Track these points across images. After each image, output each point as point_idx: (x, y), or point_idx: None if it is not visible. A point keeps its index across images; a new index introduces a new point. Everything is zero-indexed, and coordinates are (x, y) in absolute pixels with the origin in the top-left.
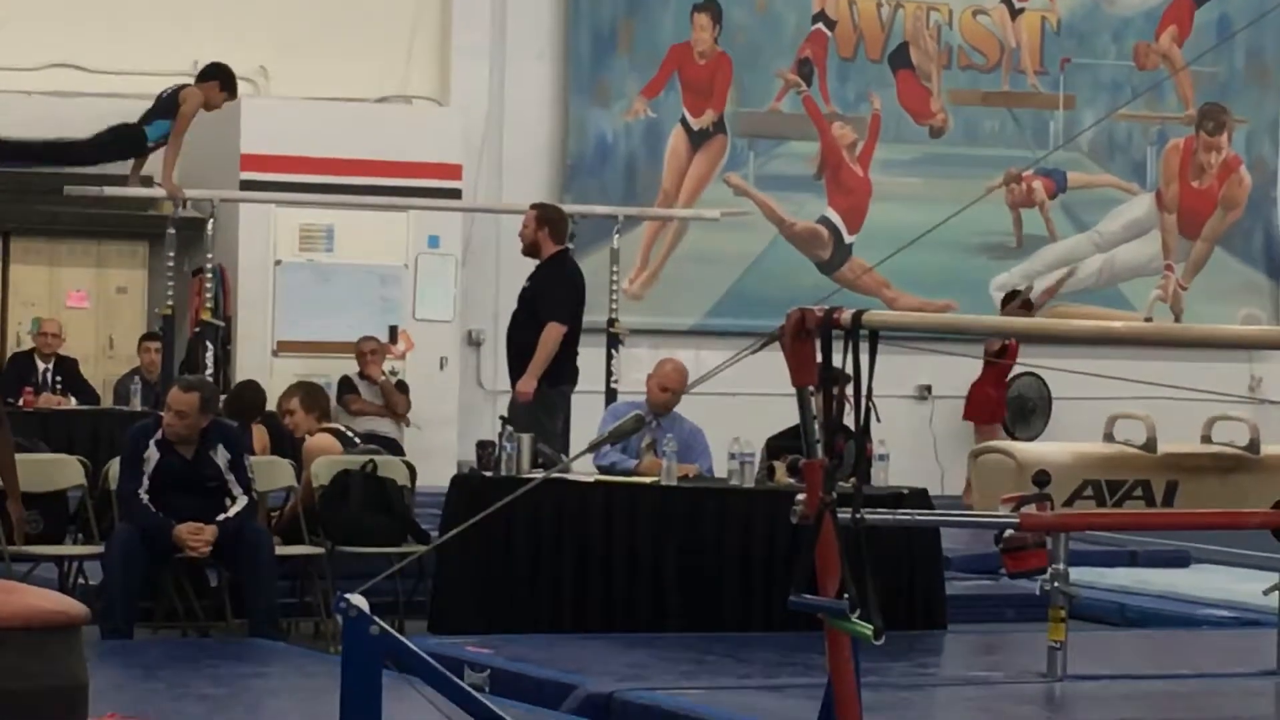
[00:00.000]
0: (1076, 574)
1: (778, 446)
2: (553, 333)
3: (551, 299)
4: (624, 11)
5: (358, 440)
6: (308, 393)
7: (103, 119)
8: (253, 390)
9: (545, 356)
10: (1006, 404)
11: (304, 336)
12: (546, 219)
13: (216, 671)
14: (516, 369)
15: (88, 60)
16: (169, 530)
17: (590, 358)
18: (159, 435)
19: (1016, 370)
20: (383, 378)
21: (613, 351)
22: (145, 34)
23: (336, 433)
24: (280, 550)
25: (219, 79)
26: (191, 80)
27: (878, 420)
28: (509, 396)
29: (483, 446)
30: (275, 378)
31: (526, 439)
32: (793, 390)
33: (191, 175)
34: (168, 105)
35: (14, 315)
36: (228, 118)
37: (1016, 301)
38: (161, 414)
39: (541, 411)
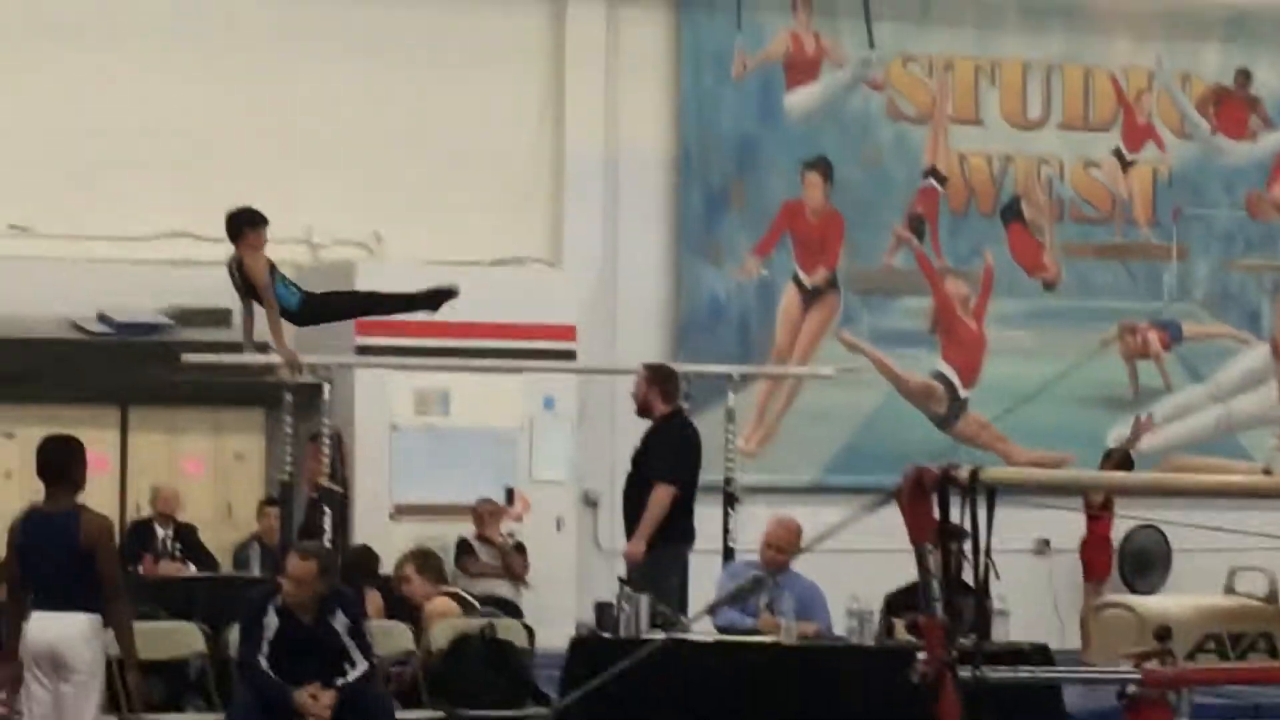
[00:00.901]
0: None
1: (897, 603)
2: (661, 494)
3: (660, 460)
4: (735, 171)
5: (476, 604)
6: (423, 559)
7: (219, 287)
8: (366, 554)
9: (654, 518)
10: (1123, 557)
11: (421, 500)
12: (656, 379)
13: None
14: (632, 529)
15: (203, 229)
16: (289, 696)
17: (707, 517)
18: (279, 601)
19: (1135, 523)
20: (500, 540)
21: (729, 510)
22: (260, 201)
23: (455, 596)
24: (400, 715)
25: (246, 222)
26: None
27: (997, 577)
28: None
29: (601, 607)
30: (393, 542)
31: (645, 599)
32: (910, 546)
33: (307, 341)
34: (246, 284)
35: (133, 483)
36: (342, 283)
37: (1113, 460)
38: (281, 580)
39: (657, 572)
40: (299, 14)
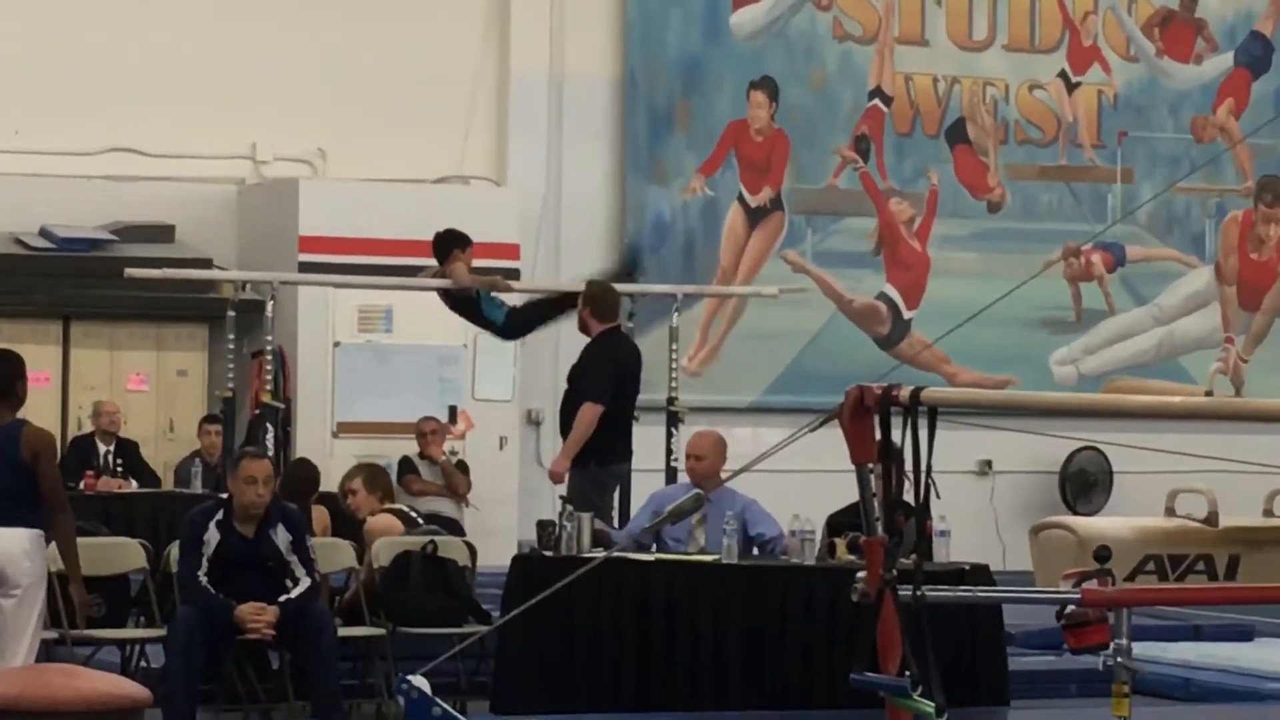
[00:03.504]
0: (1140, 649)
1: (839, 523)
2: (587, 413)
3: (588, 378)
4: (680, 90)
5: (420, 520)
6: (370, 474)
7: (161, 203)
8: (306, 469)
9: (579, 436)
10: (1064, 478)
11: (364, 417)
12: (590, 297)
13: None
14: None
15: (146, 145)
16: (230, 611)
17: (650, 436)
18: (219, 516)
19: (1076, 444)
20: (443, 458)
21: (672, 430)
22: (203, 118)
23: (399, 513)
24: (342, 631)
25: (455, 243)
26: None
27: (938, 497)
28: (568, 476)
29: (543, 526)
30: (335, 459)
31: (586, 518)
32: (852, 467)
33: (250, 257)
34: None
35: (74, 399)
36: (286, 199)
37: None
38: (222, 495)
39: (593, 490)
40: None
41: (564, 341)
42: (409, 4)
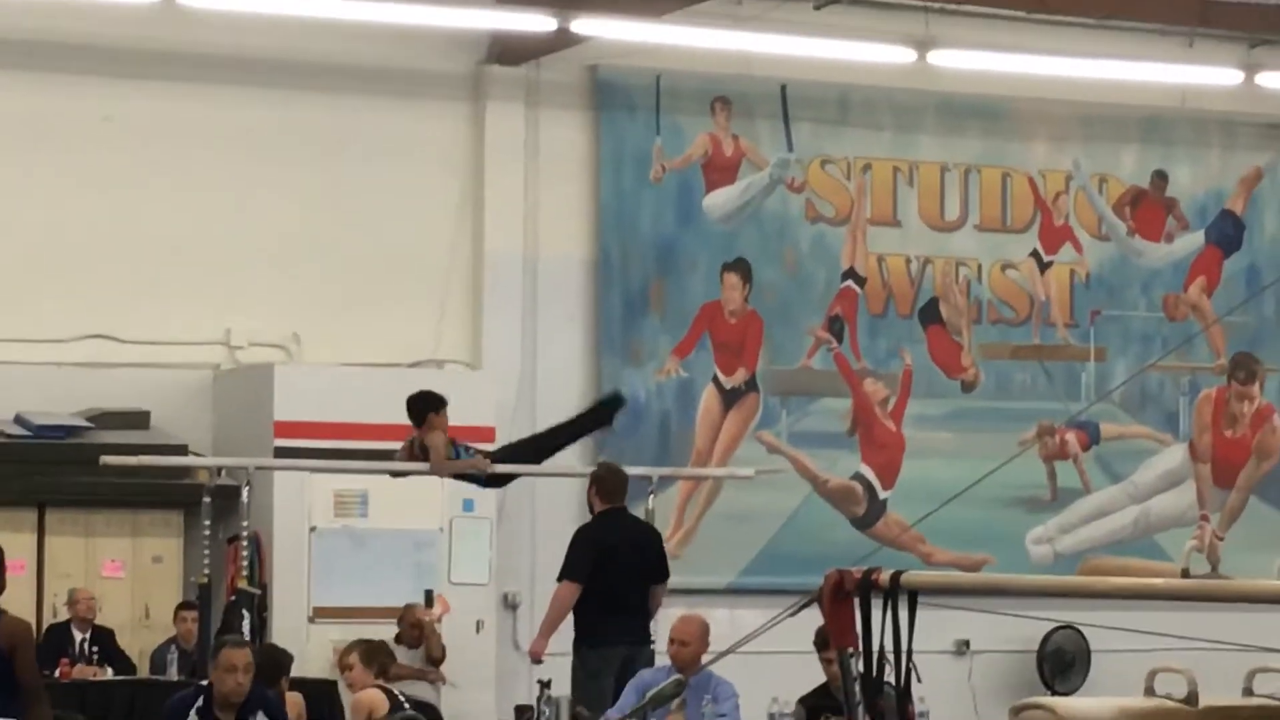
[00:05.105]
0: None
1: (812, 705)
2: (559, 592)
3: (568, 557)
4: (654, 272)
5: (405, 704)
6: (367, 650)
7: (137, 389)
8: (274, 655)
9: (551, 616)
10: (1042, 657)
11: (340, 602)
12: (594, 478)
13: None
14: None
15: (121, 331)
16: None
17: None
18: (199, 704)
19: (1054, 624)
20: (431, 630)
21: None
22: (178, 303)
23: (387, 692)
24: None
25: (430, 406)
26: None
27: (919, 680)
28: (546, 660)
29: (520, 711)
30: (312, 644)
31: (564, 701)
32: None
33: (225, 443)
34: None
35: (50, 587)
36: (261, 385)
37: None
38: (202, 683)
39: (585, 674)
40: (215, 116)
41: (540, 524)
42: (382, 189)
